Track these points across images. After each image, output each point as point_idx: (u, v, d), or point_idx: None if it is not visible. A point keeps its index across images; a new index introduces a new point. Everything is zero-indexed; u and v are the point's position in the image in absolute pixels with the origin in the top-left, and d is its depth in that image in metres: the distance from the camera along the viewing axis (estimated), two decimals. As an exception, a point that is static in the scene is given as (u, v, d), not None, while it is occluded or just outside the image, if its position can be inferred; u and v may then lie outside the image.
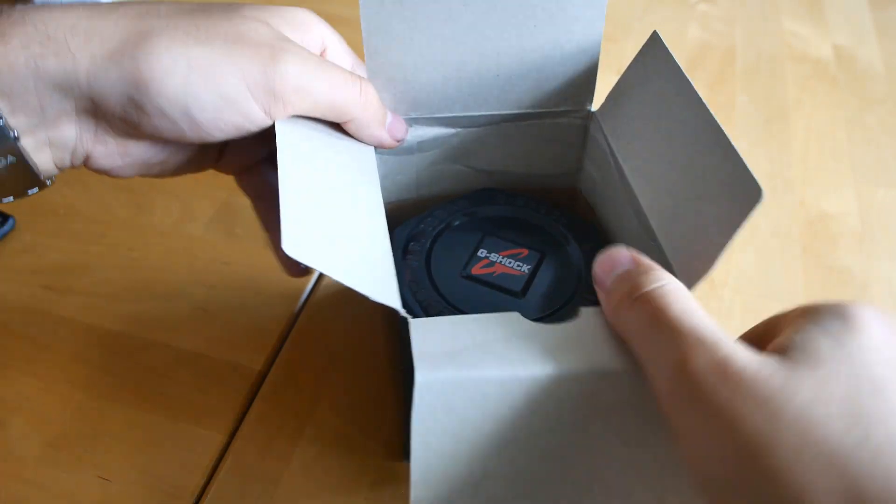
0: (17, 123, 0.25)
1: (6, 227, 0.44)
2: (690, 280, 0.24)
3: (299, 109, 0.27)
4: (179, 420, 0.36)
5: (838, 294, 0.42)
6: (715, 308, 0.41)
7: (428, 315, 0.29)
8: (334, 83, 0.27)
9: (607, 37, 0.63)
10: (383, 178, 0.34)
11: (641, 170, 0.30)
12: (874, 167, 0.51)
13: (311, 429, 0.36)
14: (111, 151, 0.27)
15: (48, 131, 0.26)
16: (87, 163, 0.28)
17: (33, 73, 0.24)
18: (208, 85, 0.25)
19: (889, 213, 0.48)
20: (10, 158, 0.25)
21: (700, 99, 0.26)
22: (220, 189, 0.48)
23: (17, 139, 0.25)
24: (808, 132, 0.54)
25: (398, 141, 0.32)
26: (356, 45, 0.31)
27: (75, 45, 0.24)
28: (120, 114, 0.26)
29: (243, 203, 0.47)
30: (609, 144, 0.32)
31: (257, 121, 0.27)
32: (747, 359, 0.19)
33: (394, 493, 0.33)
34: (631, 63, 0.32)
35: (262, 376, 0.38)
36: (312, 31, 0.29)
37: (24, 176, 0.26)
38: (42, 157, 0.26)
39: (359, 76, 0.29)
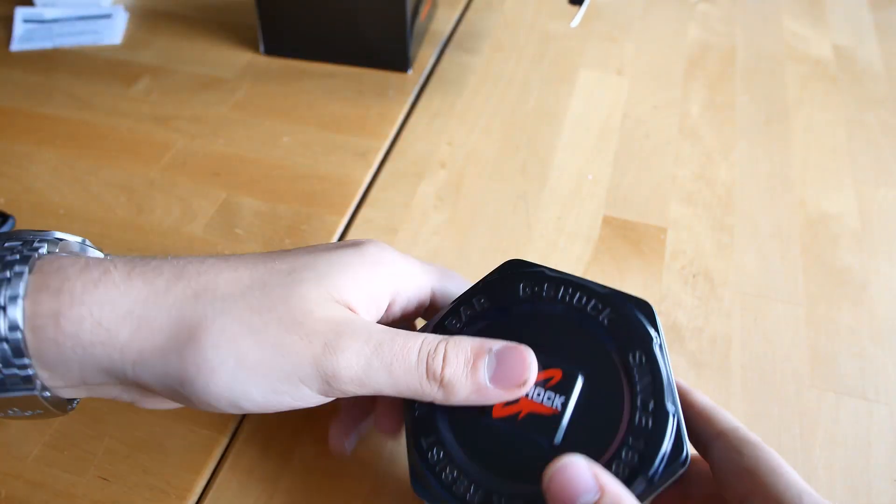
0: (54, 384, 0.24)
1: (6, 228, 0.44)
2: None
3: (360, 394, 0.25)
4: (179, 420, 0.36)
5: (838, 294, 0.42)
6: (715, 308, 0.41)
7: (444, 486, 0.25)
8: (395, 373, 0.25)
9: (607, 37, 0.63)
10: None
11: None
12: (874, 167, 0.51)
13: (311, 429, 0.36)
14: (157, 400, 0.27)
15: (89, 391, 0.25)
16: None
17: (80, 359, 0.23)
18: (256, 380, 0.24)
19: (889, 213, 0.48)
20: (38, 411, 0.25)
21: None
22: (220, 189, 0.48)
23: (49, 398, 0.24)
24: (808, 132, 0.54)
25: (510, 390, 0.25)
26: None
27: (125, 338, 0.24)
28: (167, 395, 0.25)
29: (243, 203, 0.48)
30: None
31: (312, 401, 0.25)
32: None
33: (394, 493, 0.33)
34: None
35: (262, 376, 0.38)
36: (380, 273, 0.27)
37: (49, 413, 0.26)
38: (77, 394, 0.26)
39: (427, 349, 0.25)
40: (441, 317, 0.28)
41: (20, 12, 0.63)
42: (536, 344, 0.26)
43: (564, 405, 0.25)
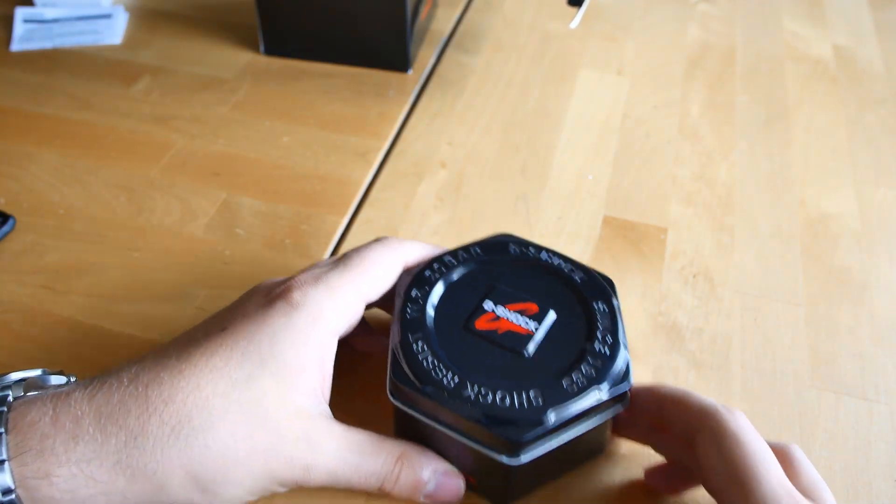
0: None
1: (6, 227, 0.44)
2: None
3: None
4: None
5: (838, 294, 0.42)
6: (715, 308, 0.41)
7: (423, 372, 0.29)
8: (360, 474, 0.29)
9: (607, 37, 0.63)
10: None
11: None
12: (874, 167, 0.51)
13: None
14: None
15: None
16: None
17: None
18: (251, 489, 0.27)
19: (889, 213, 0.48)
20: None
21: None
22: (220, 189, 0.48)
23: None
24: (808, 132, 0.54)
25: None
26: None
27: (123, 485, 0.25)
28: None
29: (243, 203, 0.48)
30: None
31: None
32: None
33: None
34: None
35: (262, 376, 0.38)
36: (320, 326, 0.29)
37: None
38: None
39: (385, 473, 0.29)
40: (442, 252, 0.34)
41: (20, 12, 0.63)
42: (517, 283, 0.32)
43: (537, 328, 0.30)
